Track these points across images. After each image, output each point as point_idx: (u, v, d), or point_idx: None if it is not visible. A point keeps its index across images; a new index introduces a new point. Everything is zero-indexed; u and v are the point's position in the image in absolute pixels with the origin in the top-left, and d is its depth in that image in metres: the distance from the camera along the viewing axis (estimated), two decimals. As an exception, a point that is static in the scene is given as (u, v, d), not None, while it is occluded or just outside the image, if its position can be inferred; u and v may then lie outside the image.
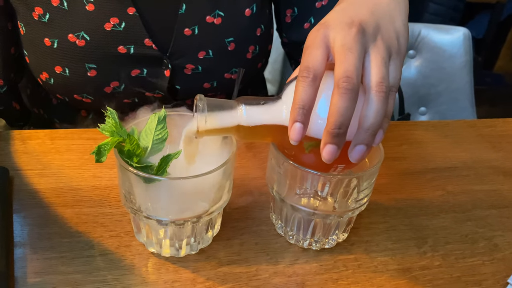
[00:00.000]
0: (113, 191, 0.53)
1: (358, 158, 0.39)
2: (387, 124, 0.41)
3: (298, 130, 0.38)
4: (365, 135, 0.38)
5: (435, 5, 1.88)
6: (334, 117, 0.37)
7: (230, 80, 0.68)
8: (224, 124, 0.42)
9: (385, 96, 0.38)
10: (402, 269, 0.48)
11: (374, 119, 0.38)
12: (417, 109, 1.16)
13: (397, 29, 0.42)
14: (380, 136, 0.40)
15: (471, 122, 0.74)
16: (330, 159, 0.39)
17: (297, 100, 0.38)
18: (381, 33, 0.41)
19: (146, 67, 0.63)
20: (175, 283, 0.44)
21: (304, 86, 0.38)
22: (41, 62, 0.62)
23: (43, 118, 0.75)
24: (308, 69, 0.38)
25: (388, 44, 0.41)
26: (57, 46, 0.60)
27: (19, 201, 0.50)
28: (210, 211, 0.44)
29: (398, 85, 0.41)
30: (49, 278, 0.43)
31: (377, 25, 0.41)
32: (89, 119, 0.70)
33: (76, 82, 0.62)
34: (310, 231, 0.48)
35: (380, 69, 0.39)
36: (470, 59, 1.12)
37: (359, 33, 0.39)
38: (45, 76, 0.63)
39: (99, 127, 0.42)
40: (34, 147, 0.58)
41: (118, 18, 0.60)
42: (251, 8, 0.65)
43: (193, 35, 0.63)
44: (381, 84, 0.38)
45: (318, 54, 0.39)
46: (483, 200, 0.58)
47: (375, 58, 0.39)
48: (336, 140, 0.38)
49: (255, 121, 0.42)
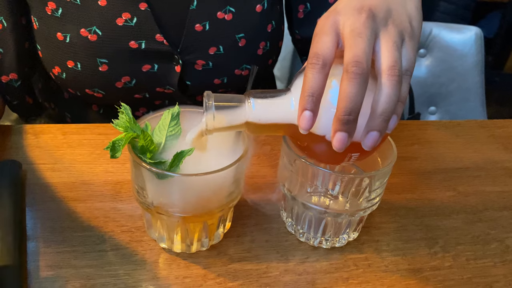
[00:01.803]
0: (125, 186, 0.53)
1: (371, 145, 0.38)
2: (401, 109, 0.39)
3: (308, 118, 0.37)
4: (378, 121, 0.37)
5: (446, 4, 1.86)
6: (343, 103, 0.36)
7: (240, 76, 0.68)
8: (233, 120, 0.41)
9: (398, 80, 0.37)
10: (413, 269, 0.48)
11: (387, 104, 0.37)
12: (427, 109, 1.16)
13: (410, 12, 0.41)
14: (394, 122, 0.38)
15: (482, 122, 0.74)
16: (341, 148, 0.37)
17: (306, 87, 0.37)
18: (392, 18, 0.39)
19: (157, 62, 0.64)
20: (186, 278, 0.44)
21: (314, 73, 0.37)
22: (53, 56, 0.63)
23: (54, 112, 0.75)
24: (317, 55, 0.37)
25: (400, 29, 0.39)
26: (70, 40, 0.60)
27: (32, 195, 0.51)
28: (221, 207, 0.44)
29: (413, 69, 0.39)
30: (62, 272, 0.43)
31: (388, 9, 0.39)
32: (100, 114, 0.71)
33: (88, 76, 0.63)
34: (321, 229, 0.48)
35: (392, 53, 0.37)
36: (482, 59, 1.11)
37: (369, 18, 0.38)
38: (58, 70, 0.63)
39: (112, 122, 0.42)
40: (47, 141, 0.59)
41: (130, 13, 0.60)
42: (262, 4, 0.65)
43: (204, 31, 0.63)
44: (393, 67, 0.37)
45: (328, 40, 0.38)
46: (494, 201, 0.58)
47: (386, 42, 0.38)
48: (346, 127, 0.36)
49: (264, 115, 0.41)
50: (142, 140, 0.41)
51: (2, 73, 0.63)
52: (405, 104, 0.40)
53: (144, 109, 0.70)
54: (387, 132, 0.39)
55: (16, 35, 0.62)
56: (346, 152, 0.39)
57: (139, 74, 0.64)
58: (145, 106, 0.70)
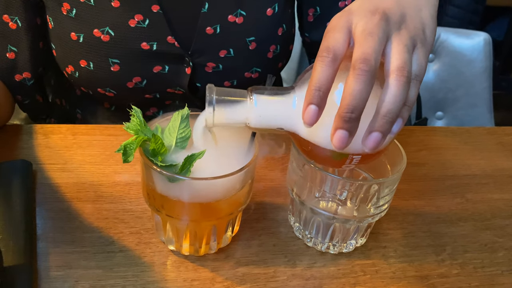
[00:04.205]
0: (134, 187, 0.54)
1: (372, 147, 0.36)
2: (408, 114, 0.37)
3: (313, 113, 0.36)
4: (382, 122, 0.36)
5: (455, 8, 1.86)
6: (347, 100, 0.35)
7: (250, 79, 0.68)
8: (234, 115, 0.40)
9: (406, 81, 0.35)
10: (420, 276, 0.48)
11: (392, 105, 0.35)
12: (434, 114, 1.15)
13: (424, 20, 0.40)
14: (398, 126, 0.37)
15: (491, 129, 0.74)
16: (341, 147, 0.36)
17: (314, 81, 0.36)
18: (406, 23, 0.38)
19: (168, 64, 0.64)
20: (194, 281, 0.44)
21: (322, 66, 0.36)
22: (67, 55, 0.64)
23: (65, 109, 0.76)
24: (328, 49, 0.36)
25: (413, 34, 0.38)
26: (83, 40, 0.61)
27: (42, 194, 0.51)
28: (231, 211, 0.44)
29: (423, 76, 0.38)
30: (71, 272, 0.43)
31: (402, 14, 0.39)
32: (112, 111, 0.71)
33: (100, 76, 0.63)
34: (329, 235, 0.48)
35: (402, 55, 0.36)
36: (490, 64, 1.11)
37: (382, 20, 0.37)
38: (71, 69, 0.64)
39: (123, 125, 0.42)
40: (56, 142, 0.59)
41: (142, 15, 0.61)
42: (273, 8, 0.65)
43: (215, 34, 0.64)
44: (402, 68, 0.36)
45: (339, 36, 0.37)
46: (502, 209, 0.57)
47: (398, 45, 0.37)
48: (347, 125, 0.35)
49: (265, 112, 0.40)
50: (153, 143, 0.41)
51: (16, 72, 0.63)
52: (412, 109, 0.39)
53: (154, 109, 0.71)
54: (390, 136, 0.37)
55: (31, 35, 0.62)
56: (347, 154, 0.38)
57: (150, 74, 0.64)
58: (156, 106, 0.70)
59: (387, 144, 0.41)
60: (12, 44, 0.62)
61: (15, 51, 0.62)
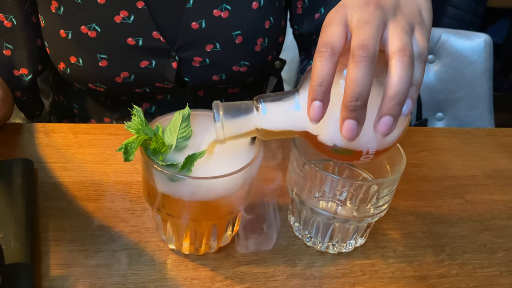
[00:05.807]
0: (134, 186, 0.54)
1: (384, 131, 0.36)
2: (416, 94, 0.36)
3: (318, 108, 0.36)
4: (390, 105, 0.35)
5: (454, 9, 1.86)
6: (350, 88, 0.34)
7: (239, 72, 0.68)
8: (243, 128, 0.41)
9: (409, 61, 0.35)
10: (419, 277, 0.48)
11: (399, 86, 0.35)
12: (434, 115, 1.16)
13: (419, 3, 0.40)
14: (408, 107, 0.36)
15: (491, 130, 0.74)
16: (351, 137, 0.35)
17: (315, 77, 0.36)
18: (400, 9, 0.38)
19: (154, 58, 0.65)
20: (194, 280, 0.44)
21: (322, 61, 0.36)
22: (58, 52, 0.65)
23: (63, 105, 0.77)
24: (325, 43, 0.36)
25: (409, 19, 0.38)
26: (71, 37, 0.63)
27: (43, 193, 0.51)
28: (231, 210, 0.44)
29: (426, 55, 0.37)
30: (72, 271, 0.43)
31: (396, 1, 0.39)
32: (107, 104, 0.72)
33: (89, 71, 0.65)
34: (328, 234, 0.48)
35: (402, 37, 0.36)
36: (490, 65, 1.11)
37: (376, 9, 0.37)
38: (62, 66, 0.66)
39: (125, 124, 0.42)
40: (58, 141, 0.59)
41: (127, 11, 0.62)
42: (258, 1, 0.65)
43: (200, 29, 0.64)
44: (403, 49, 0.35)
45: (336, 30, 0.37)
46: (501, 211, 0.58)
47: (395, 29, 0.37)
48: (354, 114, 0.35)
49: (274, 120, 0.41)
50: (154, 142, 0.42)
51: (13, 68, 0.65)
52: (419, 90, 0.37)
53: (147, 104, 0.72)
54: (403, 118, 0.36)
55: (27, 33, 0.64)
56: (363, 147, 0.38)
57: (137, 69, 0.65)
58: (148, 101, 0.71)
59: (404, 130, 0.40)
60: (7, 42, 0.63)
61: (11, 48, 0.64)
